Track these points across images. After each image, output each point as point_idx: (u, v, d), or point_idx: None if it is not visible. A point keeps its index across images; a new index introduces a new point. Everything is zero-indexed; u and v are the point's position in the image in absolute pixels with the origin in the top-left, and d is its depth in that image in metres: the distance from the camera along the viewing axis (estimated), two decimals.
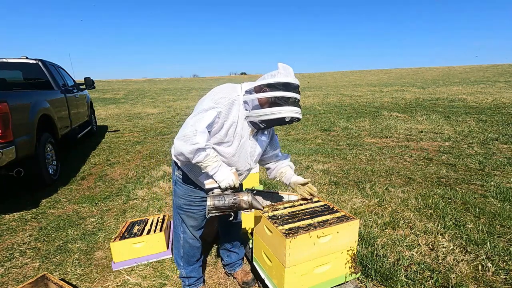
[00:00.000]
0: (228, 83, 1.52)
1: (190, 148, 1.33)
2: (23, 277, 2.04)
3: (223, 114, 1.40)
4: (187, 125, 1.38)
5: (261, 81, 1.39)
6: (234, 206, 1.43)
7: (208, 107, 1.37)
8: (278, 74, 1.36)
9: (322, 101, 12.44)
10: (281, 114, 1.34)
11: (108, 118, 10.02)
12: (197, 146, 1.33)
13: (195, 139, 1.33)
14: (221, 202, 1.42)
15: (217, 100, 1.39)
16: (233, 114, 1.42)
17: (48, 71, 4.71)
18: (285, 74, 1.36)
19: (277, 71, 1.38)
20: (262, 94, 1.36)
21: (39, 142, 3.50)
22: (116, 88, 27.99)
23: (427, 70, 39.26)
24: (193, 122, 1.37)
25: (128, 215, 2.93)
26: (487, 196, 3.03)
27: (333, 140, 5.97)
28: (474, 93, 11.76)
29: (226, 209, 1.43)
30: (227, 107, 1.40)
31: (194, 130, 1.34)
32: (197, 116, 1.37)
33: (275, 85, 1.34)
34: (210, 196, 1.44)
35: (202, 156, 1.36)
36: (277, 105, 1.34)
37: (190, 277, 1.78)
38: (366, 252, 2.12)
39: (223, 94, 1.41)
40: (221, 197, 1.43)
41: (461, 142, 5.32)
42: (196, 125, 1.35)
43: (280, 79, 1.34)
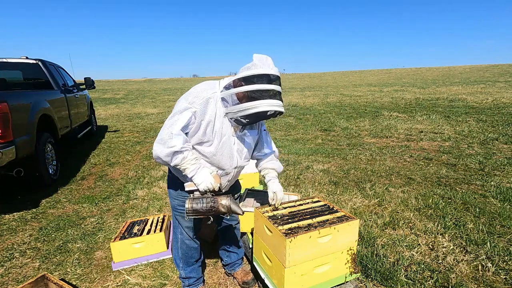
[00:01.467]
0: (207, 81, 1.48)
1: (167, 151, 1.34)
2: (23, 277, 2.04)
3: (199, 114, 1.36)
4: (163, 128, 1.38)
5: (238, 75, 1.32)
6: (212, 209, 1.41)
7: (182, 108, 1.36)
8: (253, 66, 1.29)
9: (322, 101, 12.44)
10: (259, 108, 1.27)
11: (108, 118, 10.02)
12: (173, 149, 1.33)
13: (171, 142, 1.33)
14: (199, 206, 1.40)
15: (191, 100, 1.37)
16: (209, 113, 1.38)
17: (48, 71, 4.71)
18: (261, 66, 1.28)
19: (252, 63, 1.31)
20: (239, 88, 1.29)
21: (39, 142, 3.50)
22: (116, 88, 27.99)
23: (427, 70, 39.25)
24: (169, 124, 1.37)
25: (128, 215, 2.93)
26: (487, 196, 3.03)
27: (333, 140, 5.97)
28: (474, 93, 11.76)
29: (205, 213, 1.41)
30: (202, 106, 1.36)
31: (169, 133, 1.34)
32: (172, 118, 1.37)
33: (250, 78, 1.27)
34: (189, 198, 1.43)
35: (179, 159, 1.36)
36: (255, 99, 1.27)
37: (189, 278, 1.78)
38: (366, 252, 2.12)
39: (197, 93, 1.39)
40: (200, 200, 1.41)
41: (461, 142, 5.32)
42: (172, 127, 1.35)
43: (255, 71, 1.27)
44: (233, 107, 1.34)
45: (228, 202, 1.41)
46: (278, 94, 1.31)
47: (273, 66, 1.32)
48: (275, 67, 1.33)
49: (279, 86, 1.32)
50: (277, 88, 1.30)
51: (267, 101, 1.27)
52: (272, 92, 1.28)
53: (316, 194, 3.19)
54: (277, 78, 1.31)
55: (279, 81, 1.33)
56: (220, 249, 2.01)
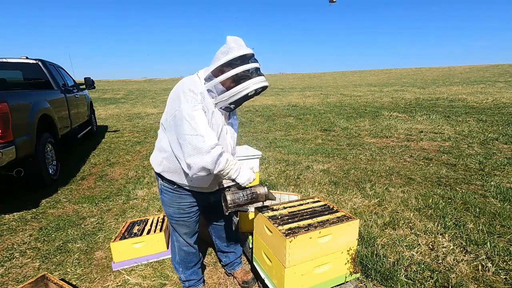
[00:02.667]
0: (184, 79, 1.43)
1: (209, 157, 1.25)
2: (23, 277, 2.04)
3: (205, 108, 1.34)
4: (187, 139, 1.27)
5: (216, 63, 1.30)
6: (252, 200, 1.48)
7: (190, 109, 1.28)
8: (230, 49, 1.28)
9: (322, 101, 12.43)
10: (250, 88, 1.28)
11: (108, 118, 10.02)
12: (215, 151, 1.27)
13: (207, 144, 1.25)
14: (241, 199, 1.46)
15: (190, 99, 1.30)
16: (207, 106, 1.36)
17: (48, 71, 4.71)
18: (238, 48, 1.28)
19: (228, 46, 1.29)
20: (223, 76, 1.28)
21: (39, 142, 3.50)
22: (116, 88, 27.99)
23: (427, 70, 39.24)
24: (192, 131, 1.27)
25: (128, 215, 2.93)
26: (487, 196, 3.03)
27: (333, 140, 5.97)
28: (474, 93, 11.76)
29: (245, 204, 1.48)
30: (202, 100, 1.33)
31: (200, 137, 1.25)
32: (189, 124, 1.27)
33: (232, 62, 1.26)
34: (228, 193, 1.46)
35: (223, 162, 1.31)
36: (243, 80, 1.27)
37: (189, 280, 1.78)
38: (366, 252, 2.12)
39: (191, 92, 1.32)
40: (240, 193, 1.47)
41: (461, 142, 5.32)
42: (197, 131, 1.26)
43: (235, 54, 1.26)
44: (223, 95, 1.32)
45: (266, 191, 1.50)
46: (259, 70, 1.33)
47: (246, 46, 1.34)
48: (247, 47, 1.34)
49: (257, 62, 1.33)
50: (257, 65, 1.32)
51: (254, 79, 1.29)
52: (254, 69, 1.30)
53: (316, 194, 3.19)
54: (253, 55, 1.33)
55: (254, 57, 1.34)
56: (217, 251, 2.01)
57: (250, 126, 7.72)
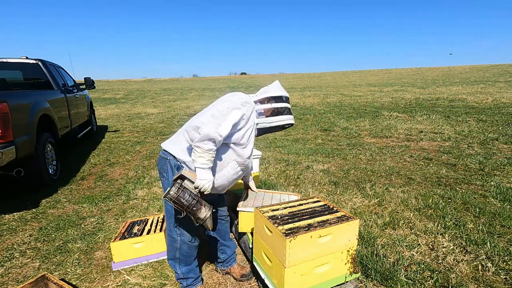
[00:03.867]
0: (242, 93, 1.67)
1: (211, 131, 1.38)
2: (23, 277, 2.04)
3: (246, 117, 1.53)
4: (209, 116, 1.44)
5: (265, 95, 1.65)
6: (192, 208, 1.39)
7: (235, 106, 1.48)
8: (278, 90, 1.67)
9: (322, 101, 12.43)
10: (286, 121, 1.67)
11: (108, 118, 10.02)
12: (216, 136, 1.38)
13: (219, 129, 1.40)
14: (185, 196, 1.37)
15: (244, 103, 1.52)
16: (252, 120, 1.60)
17: (48, 71, 4.71)
18: (282, 90, 1.69)
19: (276, 87, 1.69)
20: (269, 105, 1.63)
21: (39, 142, 3.50)
22: (116, 88, 27.99)
23: (427, 70, 39.24)
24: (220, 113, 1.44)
25: (128, 215, 2.93)
26: (487, 196, 3.03)
27: (333, 140, 5.97)
28: (474, 93, 11.76)
29: (184, 206, 1.38)
30: (250, 112, 1.56)
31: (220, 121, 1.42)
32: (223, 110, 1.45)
33: (278, 99, 1.65)
34: (178, 184, 1.39)
35: (208, 146, 1.39)
36: (281, 114, 1.64)
37: (187, 278, 1.78)
38: (366, 252, 2.12)
39: (248, 100, 1.57)
40: (188, 192, 1.38)
41: (461, 142, 5.32)
42: (222, 118, 1.43)
43: (281, 93, 1.67)
44: (268, 119, 1.64)
45: (209, 213, 1.44)
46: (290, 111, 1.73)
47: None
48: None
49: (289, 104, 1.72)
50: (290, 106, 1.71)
51: (289, 115, 1.69)
52: (289, 110, 1.70)
53: (316, 194, 3.19)
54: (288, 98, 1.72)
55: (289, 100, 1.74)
56: (212, 248, 2.02)
57: None
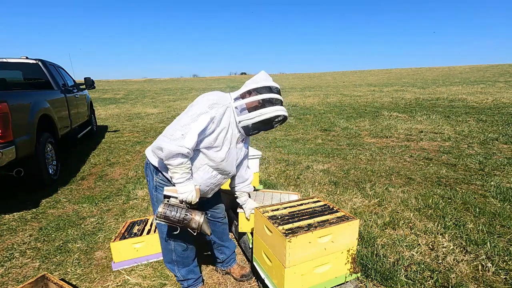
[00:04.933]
0: (218, 91, 1.57)
1: (174, 148, 1.33)
2: (23, 277, 2.04)
3: (217, 120, 1.43)
4: (177, 124, 1.38)
5: (247, 87, 1.51)
6: (184, 222, 1.40)
7: (202, 111, 1.39)
8: (262, 80, 1.51)
9: (322, 101, 12.43)
10: (273, 113, 1.46)
11: (108, 118, 10.02)
12: (181, 150, 1.33)
13: (183, 142, 1.34)
14: (172, 214, 1.39)
15: (212, 105, 1.42)
16: (225, 120, 1.48)
17: (48, 71, 4.71)
18: (266, 79, 1.52)
19: (259, 77, 1.53)
20: (252, 98, 1.47)
21: (39, 142, 3.50)
22: (116, 88, 28.00)
23: (427, 70, 39.25)
24: (185, 123, 1.37)
25: (128, 215, 2.93)
26: (487, 196, 3.03)
27: (333, 140, 5.97)
28: (474, 93, 11.75)
29: (175, 222, 1.40)
30: (221, 112, 1.45)
31: (184, 132, 1.35)
32: (189, 118, 1.38)
33: (261, 89, 1.48)
34: (164, 203, 1.41)
35: (177, 162, 1.36)
36: (267, 106, 1.47)
37: (188, 279, 1.77)
38: (366, 252, 2.12)
39: (218, 100, 1.45)
40: (175, 208, 1.40)
41: (461, 142, 5.32)
42: (187, 127, 1.36)
43: (264, 83, 1.49)
44: (249, 114, 1.48)
45: (201, 220, 1.42)
46: (282, 103, 1.55)
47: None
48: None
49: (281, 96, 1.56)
50: (282, 98, 1.55)
51: (277, 107, 1.49)
52: (279, 101, 1.52)
53: (316, 194, 3.19)
54: (279, 90, 1.55)
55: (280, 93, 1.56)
56: (211, 249, 2.01)
57: None
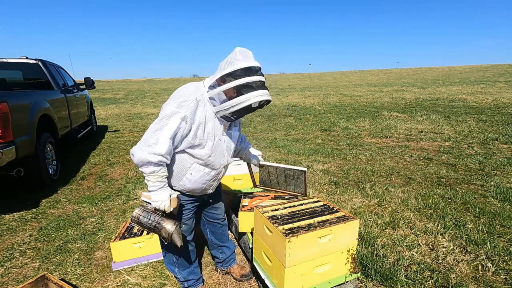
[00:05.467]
0: (191, 83, 1.47)
1: (144, 156, 1.29)
2: (23, 277, 2.04)
3: (189, 118, 1.34)
4: (150, 131, 1.33)
5: (221, 72, 1.32)
6: (155, 229, 1.40)
7: (171, 112, 1.32)
8: (236, 60, 1.30)
9: (322, 101, 12.43)
10: (251, 100, 1.29)
11: (108, 118, 10.02)
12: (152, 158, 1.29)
13: (155, 149, 1.29)
14: (145, 220, 1.40)
15: (180, 103, 1.33)
16: (199, 115, 1.37)
17: (48, 71, 4.71)
18: (243, 59, 1.30)
19: (234, 57, 1.31)
20: (226, 85, 1.30)
21: (39, 142, 3.50)
22: (116, 88, 27.99)
23: (427, 70, 39.25)
24: (156, 129, 1.32)
25: (128, 215, 2.93)
26: (487, 196, 3.03)
27: (333, 140, 5.97)
28: (474, 93, 11.76)
29: (146, 228, 1.41)
30: (192, 109, 1.34)
31: (156, 138, 1.30)
32: (160, 123, 1.32)
33: (236, 73, 1.28)
34: (140, 208, 1.42)
35: (149, 170, 1.33)
36: (245, 92, 1.29)
37: (188, 280, 1.77)
38: (366, 252, 2.12)
39: (186, 97, 1.35)
40: (149, 214, 1.40)
41: (461, 142, 5.32)
42: (158, 133, 1.31)
43: (240, 65, 1.28)
44: (224, 104, 1.34)
45: (172, 230, 1.39)
46: (263, 84, 1.35)
47: (254, 59, 1.35)
48: (255, 60, 1.35)
49: (262, 76, 1.35)
50: (262, 79, 1.34)
51: (256, 92, 1.30)
52: (259, 82, 1.32)
53: (316, 194, 3.19)
54: (259, 69, 1.34)
55: (261, 71, 1.36)
56: (210, 248, 2.02)
57: (250, 126, 7.73)
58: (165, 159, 1.34)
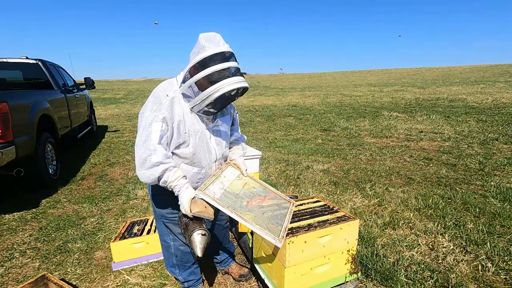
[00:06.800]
0: (163, 82, 1.41)
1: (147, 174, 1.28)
2: (23, 277, 2.04)
3: (168, 118, 1.29)
4: (137, 148, 1.30)
5: (189, 64, 1.24)
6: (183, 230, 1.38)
7: (150, 119, 1.27)
8: (201, 49, 1.21)
9: (322, 101, 12.44)
10: (222, 90, 1.19)
11: (108, 118, 10.02)
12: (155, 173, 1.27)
13: (151, 160, 1.26)
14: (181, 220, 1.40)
15: (155, 107, 1.28)
16: (176, 113, 1.31)
17: (48, 71, 4.71)
18: (209, 46, 1.20)
19: (200, 45, 1.22)
20: (194, 77, 1.21)
21: (39, 142, 3.50)
22: (116, 88, 27.98)
23: (427, 70, 39.24)
24: (143, 140, 1.27)
25: (128, 215, 2.93)
26: (487, 196, 3.03)
27: (333, 140, 5.97)
28: (474, 93, 11.76)
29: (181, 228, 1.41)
30: (168, 108, 1.28)
31: (148, 150, 1.27)
32: (144, 132, 1.28)
33: (203, 62, 1.19)
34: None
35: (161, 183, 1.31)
36: (215, 81, 1.19)
37: (189, 280, 1.77)
38: (366, 252, 2.12)
39: (159, 98, 1.30)
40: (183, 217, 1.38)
41: (461, 142, 5.32)
42: (147, 143, 1.27)
43: (205, 53, 1.19)
44: (195, 99, 1.27)
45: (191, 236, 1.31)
46: (237, 71, 1.25)
47: (224, 43, 1.25)
48: (225, 44, 1.25)
49: (235, 62, 1.25)
50: (234, 64, 1.24)
51: (229, 80, 1.20)
52: (231, 69, 1.22)
53: (316, 194, 3.19)
54: (231, 55, 1.25)
55: (234, 57, 1.26)
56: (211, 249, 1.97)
57: (250, 126, 7.73)
58: (166, 165, 1.30)
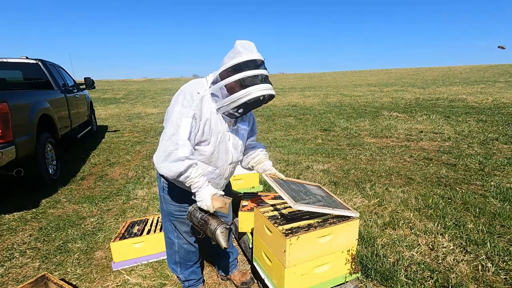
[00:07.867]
0: (194, 80, 1.45)
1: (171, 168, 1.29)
2: (23, 277, 2.04)
3: (198, 115, 1.34)
4: (165, 139, 1.31)
5: (223, 67, 1.29)
6: (202, 227, 1.40)
7: (181, 114, 1.31)
8: (237, 54, 1.26)
9: (322, 101, 12.44)
10: (252, 95, 1.25)
11: (108, 118, 10.02)
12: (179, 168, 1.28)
13: (178, 154, 1.28)
14: (196, 215, 1.41)
15: (187, 103, 1.32)
16: (205, 111, 1.36)
17: (48, 71, 4.71)
18: (245, 52, 1.26)
19: (236, 50, 1.28)
20: (228, 79, 1.27)
21: (39, 142, 3.50)
22: (116, 88, 27.98)
23: (427, 70, 39.26)
24: (171, 133, 1.30)
25: (128, 215, 2.93)
26: (487, 196, 3.03)
27: (333, 140, 5.97)
28: (474, 93, 11.76)
29: (195, 224, 1.43)
30: (198, 106, 1.33)
31: (175, 143, 1.29)
32: (173, 126, 1.31)
33: (238, 67, 1.25)
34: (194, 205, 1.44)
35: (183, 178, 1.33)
36: (246, 86, 1.25)
37: (189, 280, 1.77)
38: (366, 252, 2.12)
39: (191, 94, 1.34)
40: (198, 212, 1.41)
41: (461, 142, 5.32)
42: (175, 137, 1.29)
43: (241, 58, 1.25)
44: (224, 100, 1.31)
45: (216, 229, 1.35)
46: (266, 78, 1.31)
47: (257, 51, 1.31)
48: (258, 52, 1.31)
49: (266, 70, 1.31)
50: (265, 72, 1.30)
51: (259, 86, 1.26)
52: (261, 76, 1.28)
53: None
54: (263, 63, 1.31)
55: (264, 65, 1.32)
56: (213, 254, 1.96)
57: None
58: (191, 161, 1.33)
